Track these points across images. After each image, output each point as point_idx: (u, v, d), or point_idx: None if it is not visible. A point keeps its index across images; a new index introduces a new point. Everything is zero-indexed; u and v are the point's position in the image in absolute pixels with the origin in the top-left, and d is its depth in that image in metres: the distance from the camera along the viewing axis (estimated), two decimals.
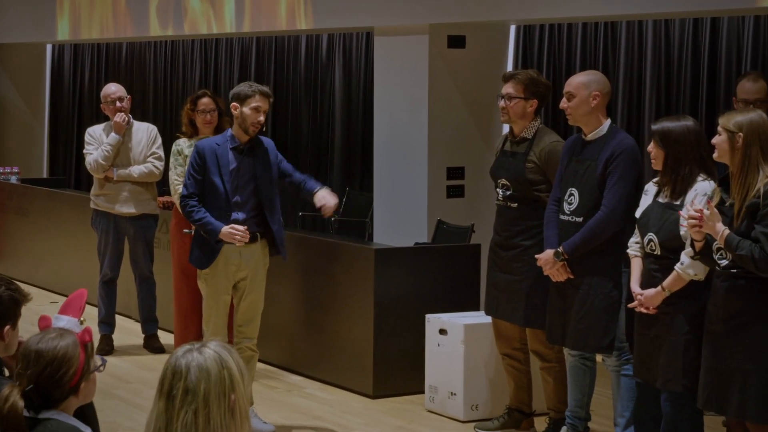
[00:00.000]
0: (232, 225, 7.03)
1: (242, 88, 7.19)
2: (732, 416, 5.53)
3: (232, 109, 7.20)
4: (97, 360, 3.50)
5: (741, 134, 5.39)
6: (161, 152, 9.17)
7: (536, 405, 7.22)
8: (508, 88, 6.88)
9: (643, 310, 5.89)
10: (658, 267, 5.90)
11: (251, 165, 7.14)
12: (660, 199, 5.94)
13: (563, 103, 6.56)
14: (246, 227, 7.05)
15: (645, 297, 5.88)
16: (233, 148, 7.13)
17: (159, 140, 9.22)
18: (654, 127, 5.95)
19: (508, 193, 6.89)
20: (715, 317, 5.53)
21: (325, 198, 7.15)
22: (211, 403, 2.92)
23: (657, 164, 5.93)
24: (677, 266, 5.75)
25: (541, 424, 7.09)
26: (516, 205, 6.88)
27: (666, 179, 5.91)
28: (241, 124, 7.13)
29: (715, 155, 5.57)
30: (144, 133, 9.20)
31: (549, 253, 6.53)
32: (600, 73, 6.85)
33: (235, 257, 7.15)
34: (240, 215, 7.08)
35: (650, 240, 5.93)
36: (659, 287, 5.83)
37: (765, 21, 8.37)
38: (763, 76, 7.26)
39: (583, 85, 6.51)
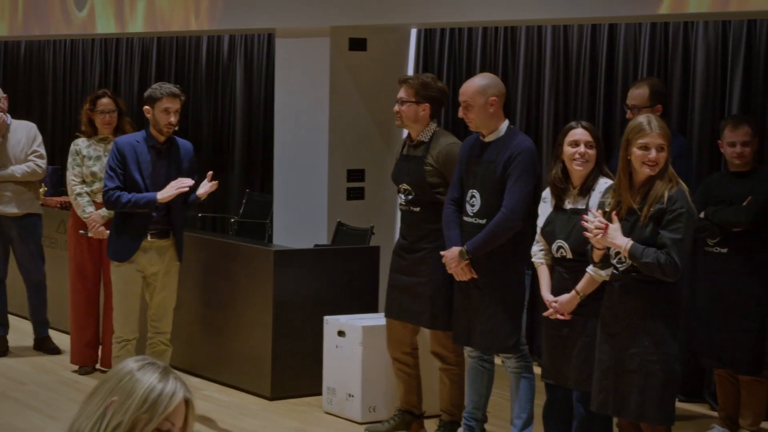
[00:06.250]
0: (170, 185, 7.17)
1: (152, 90, 7.33)
2: (630, 418, 5.56)
3: (145, 113, 7.25)
4: None
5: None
6: (42, 150, 8.98)
7: (426, 406, 7.25)
8: (401, 93, 6.93)
9: (558, 316, 5.93)
10: (569, 271, 5.95)
11: (166, 165, 7.31)
12: (567, 206, 6.00)
13: (461, 113, 6.60)
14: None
15: (560, 303, 5.92)
16: (151, 146, 7.25)
17: (39, 138, 9.02)
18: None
19: (410, 197, 6.91)
20: (612, 319, 5.57)
21: (203, 187, 7.26)
22: (95, 393, 2.87)
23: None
24: (589, 269, 5.80)
25: (432, 425, 7.12)
26: (419, 209, 6.89)
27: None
28: (154, 126, 7.26)
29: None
30: (23, 131, 8.99)
31: (454, 251, 6.53)
32: (492, 74, 6.90)
33: (148, 251, 7.29)
34: (154, 213, 7.25)
35: (560, 246, 5.99)
36: (573, 292, 5.88)
37: (661, 28, 8.50)
38: (648, 82, 7.35)
39: (478, 92, 6.54)
